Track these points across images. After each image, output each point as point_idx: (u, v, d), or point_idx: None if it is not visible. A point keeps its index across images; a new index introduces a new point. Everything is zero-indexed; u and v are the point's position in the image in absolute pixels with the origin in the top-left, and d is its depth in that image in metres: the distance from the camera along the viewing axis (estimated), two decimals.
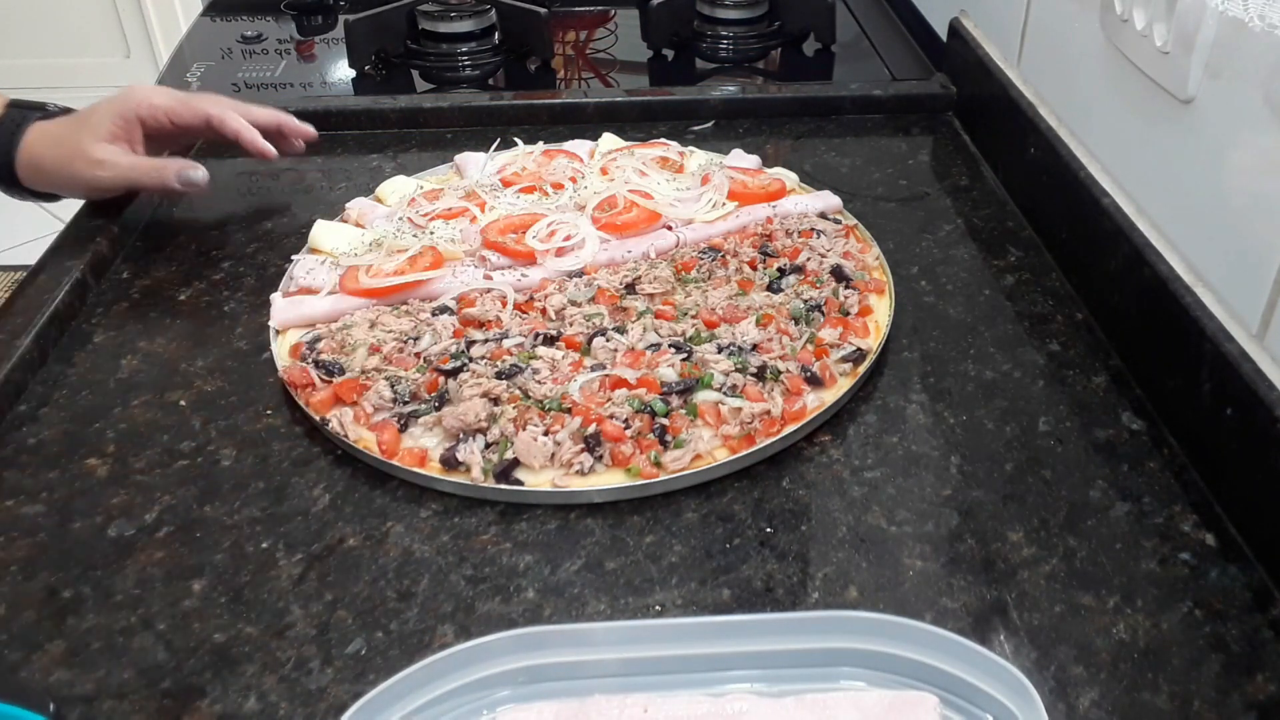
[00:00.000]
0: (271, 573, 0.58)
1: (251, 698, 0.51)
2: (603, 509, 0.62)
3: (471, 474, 0.62)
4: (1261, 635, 0.54)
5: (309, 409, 0.67)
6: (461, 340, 0.71)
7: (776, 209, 0.86)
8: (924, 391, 0.71)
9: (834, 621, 0.50)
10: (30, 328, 0.73)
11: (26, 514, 0.62)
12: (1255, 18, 0.54)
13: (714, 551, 0.59)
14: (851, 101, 1.08)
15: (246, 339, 0.76)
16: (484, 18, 1.25)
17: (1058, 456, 0.65)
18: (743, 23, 1.27)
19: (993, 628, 0.54)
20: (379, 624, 0.55)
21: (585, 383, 0.67)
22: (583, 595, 0.57)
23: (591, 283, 0.77)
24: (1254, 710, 0.50)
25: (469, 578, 0.58)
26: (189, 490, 0.63)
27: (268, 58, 1.25)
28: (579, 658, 0.50)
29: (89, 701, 0.51)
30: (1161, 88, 0.68)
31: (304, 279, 0.79)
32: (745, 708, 0.48)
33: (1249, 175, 0.61)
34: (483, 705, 0.49)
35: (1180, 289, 0.65)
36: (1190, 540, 0.59)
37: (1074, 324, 0.77)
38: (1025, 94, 0.92)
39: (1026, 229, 0.89)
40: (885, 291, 0.78)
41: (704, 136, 1.05)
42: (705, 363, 0.68)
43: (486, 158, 0.95)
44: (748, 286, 0.77)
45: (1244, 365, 0.59)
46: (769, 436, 0.64)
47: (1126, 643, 0.53)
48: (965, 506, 0.62)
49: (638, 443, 0.63)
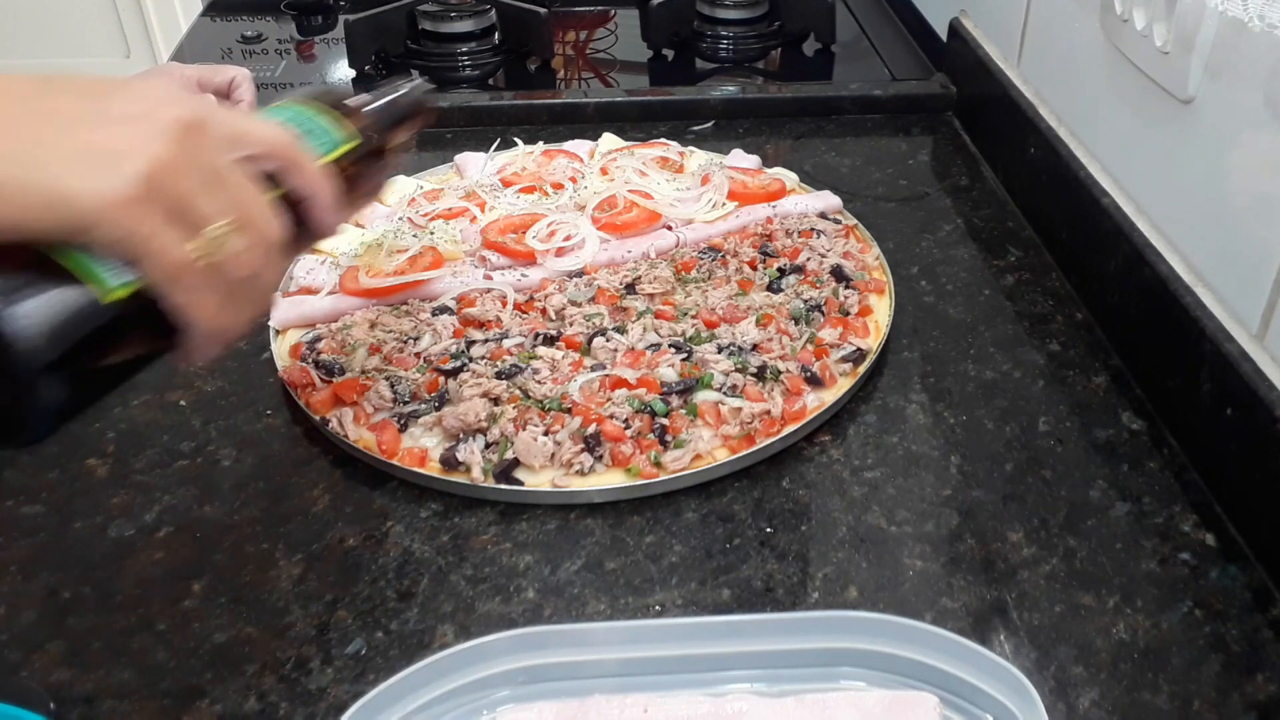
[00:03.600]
0: (271, 573, 0.58)
1: (251, 698, 0.51)
2: (603, 509, 0.62)
3: (471, 474, 0.62)
4: (1261, 635, 0.54)
5: (309, 409, 0.67)
6: (461, 340, 0.71)
7: (776, 209, 0.86)
8: (924, 391, 0.71)
9: (834, 621, 0.50)
10: None
11: (26, 514, 0.62)
12: (1255, 18, 0.54)
13: (714, 551, 0.59)
14: (851, 101, 1.08)
15: (246, 339, 0.76)
16: (484, 18, 1.25)
17: (1058, 456, 0.65)
18: (743, 23, 1.27)
19: (993, 628, 0.54)
20: (379, 624, 0.55)
21: (585, 383, 0.67)
22: (583, 595, 0.57)
23: (591, 283, 0.77)
24: (1254, 710, 0.50)
25: (469, 578, 0.58)
26: (189, 490, 0.63)
27: (268, 58, 1.25)
28: (579, 658, 0.50)
29: (89, 701, 0.51)
30: (1161, 88, 0.68)
31: (304, 279, 0.79)
32: (745, 708, 0.48)
33: (1249, 175, 0.61)
34: (483, 705, 0.49)
35: (1180, 289, 0.65)
36: (1190, 540, 0.59)
37: (1074, 324, 0.77)
38: (1025, 94, 0.92)
39: (1026, 229, 0.89)
40: (885, 291, 0.78)
41: (704, 136, 1.05)
42: (705, 363, 0.68)
43: (486, 158, 0.95)
44: (748, 286, 0.77)
45: (1244, 365, 0.59)
46: (769, 436, 0.64)
47: (1126, 643, 0.53)
48: (965, 506, 0.62)
49: (638, 443, 0.63)
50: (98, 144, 0.41)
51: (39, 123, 0.41)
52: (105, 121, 0.42)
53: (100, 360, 0.43)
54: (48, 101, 0.42)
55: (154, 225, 0.41)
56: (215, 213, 0.43)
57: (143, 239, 0.41)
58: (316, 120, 0.53)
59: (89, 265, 0.41)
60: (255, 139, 0.47)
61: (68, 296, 0.41)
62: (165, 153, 0.41)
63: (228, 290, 0.45)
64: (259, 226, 0.46)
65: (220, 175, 0.44)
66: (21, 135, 0.40)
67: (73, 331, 0.41)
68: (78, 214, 0.40)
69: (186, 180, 0.42)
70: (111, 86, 0.43)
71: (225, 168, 0.44)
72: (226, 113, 0.47)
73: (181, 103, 0.43)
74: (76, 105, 0.42)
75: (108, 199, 0.40)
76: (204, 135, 0.43)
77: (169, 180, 0.42)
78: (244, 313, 0.47)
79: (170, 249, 0.42)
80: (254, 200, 0.46)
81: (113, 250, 0.41)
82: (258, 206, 0.46)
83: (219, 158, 0.44)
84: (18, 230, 0.40)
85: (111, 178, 0.40)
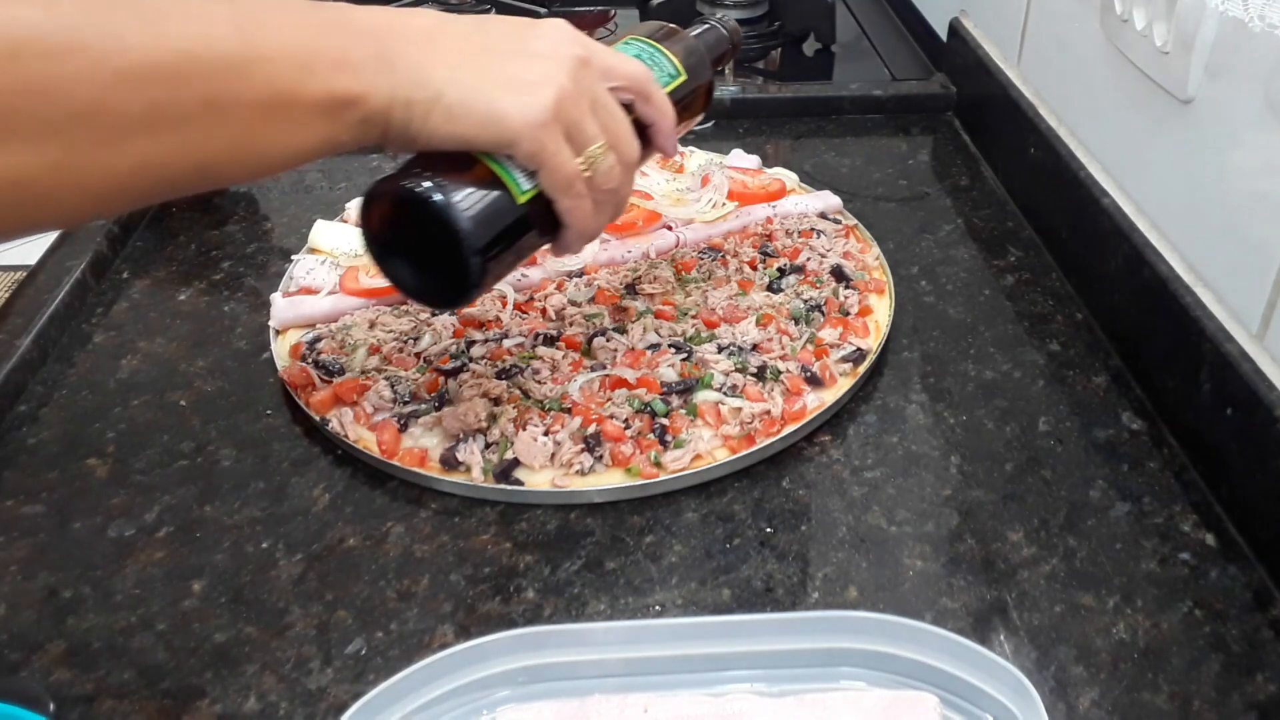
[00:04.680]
0: (271, 573, 0.58)
1: (251, 698, 0.51)
2: (603, 509, 0.62)
3: (471, 474, 0.62)
4: (1261, 635, 0.54)
5: (309, 409, 0.67)
6: (461, 340, 0.71)
7: (776, 209, 0.86)
8: (924, 391, 0.71)
9: (834, 621, 0.50)
10: (30, 328, 0.74)
11: (26, 514, 0.62)
12: (1255, 18, 0.54)
13: (714, 551, 0.59)
14: (851, 101, 1.08)
15: (246, 339, 0.76)
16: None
17: (1058, 456, 0.65)
18: (742, 23, 1.27)
19: (993, 628, 0.54)
20: (379, 624, 0.55)
21: (585, 383, 0.67)
22: (583, 595, 0.57)
23: (591, 283, 0.77)
24: (1254, 710, 0.50)
25: (469, 578, 0.58)
26: (189, 490, 0.63)
27: None
28: (579, 658, 0.50)
29: (89, 701, 0.51)
30: (1161, 88, 0.68)
31: (304, 279, 0.79)
32: (745, 708, 0.48)
33: (1249, 175, 0.61)
34: (483, 705, 0.49)
35: (1180, 289, 0.65)
36: (1190, 540, 0.59)
37: (1074, 324, 0.77)
38: (1025, 94, 0.92)
39: (1026, 229, 0.89)
40: (885, 291, 0.78)
41: (704, 136, 1.05)
42: (705, 363, 0.68)
43: None
44: (748, 286, 0.77)
45: (1244, 365, 0.59)
46: (769, 436, 0.64)
47: (1126, 643, 0.53)
48: (965, 506, 0.62)
49: (638, 443, 0.63)
50: (521, 75, 0.51)
51: (480, 56, 0.51)
52: (526, 55, 0.52)
53: (508, 242, 0.54)
54: (482, 38, 0.52)
55: (556, 143, 0.52)
56: (596, 135, 0.54)
57: (549, 154, 0.52)
58: (659, 55, 0.64)
59: (508, 172, 0.53)
60: (622, 73, 0.57)
61: (493, 195, 0.52)
62: (567, 82, 0.52)
63: (597, 199, 0.55)
64: (625, 147, 0.56)
65: (601, 103, 0.54)
66: (468, 66, 0.50)
67: (497, 222, 0.53)
68: (508, 132, 0.51)
69: (578, 107, 0.53)
70: (526, 26, 0.54)
71: (604, 97, 0.55)
72: (603, 49, 0.56)
73: (577, 41, 0.54)
74: (504, 43, 0.53)
75: (529, 120, 0.50)
76: (591, 69, 0.54)
77: (568, 106, 0.52)
78: (605, 218, 0.58)
79: (565, 163, 0.53)
80: (623, 125, 0.56)
81: (527, 160, 0.52)
82: (625, 130, 0.56)
83: (599, 88, 0.54)
84: (463, 141, 0.51)
85: (532, 103, 0.51)
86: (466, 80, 0.50)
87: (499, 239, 0.53)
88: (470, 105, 0.50)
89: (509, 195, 0.53)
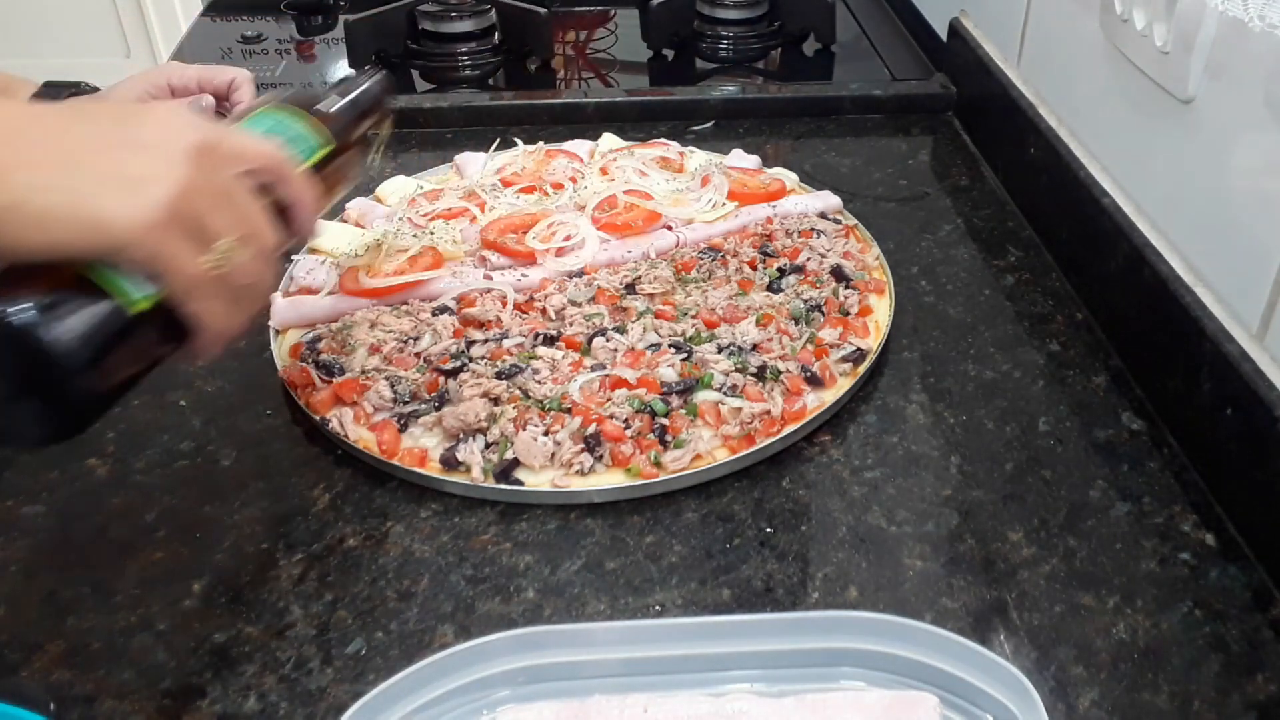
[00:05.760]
0: (271, 573, 0.58)
1: (251, 698, 0.51)
2: (603, 509, 0.62)
3: (471, 474, 0.62)
4: (1261, 635, 0.54)
5: (309, 409, 0.67)
6: (461, 340, 0.71)
7: (776, 209, 0.86)
8: (924, 391, 0.71)
9: (834, 621, 0.50)
10: None
11: (26, 514, 0.62)
12: (1255, 18, 0.54)
13: (714, 551, 0.59)
14: (851, 101, 1.08)
15: (246, 339, 0.76)
16: (484, 18, 1.25)
17: (1058, 456, 0.65)
18: (743, 23, 1.27)
19: (993, 628, 0.54)
20: (379, 624, 0.55)
21: (585, 383, 0.67)
22: (583, 595, 0.57)
23: (591, 283, 0.77)
24: (1254, 710, 0.50)
25: (469, 578, 0.58)
26: (189, 490, 0.63)
27: (268, 58, 1.25)
28: (579, 658, 0.50)
29: (89, 701, 0.51)
30: (1161, 88, 0.68)
31: (304, 279, 0.79)
32: (745, 708, 0.48)
33: (1249, 175, 0.61)
34: (483, 705, 0.49)
35: (1180, 289, 0.65)
36: (1190, 540, 0.59)
37: (1074, 324, 0.77)
38: (1025, 94, 0.92)
39: (1026, 229, 0.89)
40: (885, 291, 0.78)
41: (704, 136, 1.05)
42: (705, 363, 0.68)
43: (486, 158, 0.95)
44: (748, 286, 0.77)
45: (1244, 365, 0.59)
46: (769, 436, 0.64)
47: (1126, 643, 0.53)
48: (965, 506, 0.62)
49: (638, 443, 0.63)
50: (127, 170, 0.45)
51: (75, 151, 0.45)
52: (132, 147, 0.46)
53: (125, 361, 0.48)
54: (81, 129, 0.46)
55: (175, 244, 0.46)
56: (225, 228, 0.48)
57: (166, 258, 0.45)
58: (295, 126, 0.58)
59: (116, 280, 0.46)
60: (252, 155, 0.51)
61: (99, 309, 0.45)
62: (184, 177, 0.46)
63: (232, 295, 0.49)
64: (260, 237, 0.50)
65: (228, 193, 0.49)
66: (60, 165, 0.44)
67: (104, 339, 0.46)
68: (112, 237, 0.44)
69: (201, 201, 0.46)
70: (134, 113, 0.48)
71: (232, 186, 0.49)
72: (228, 132, 0.51)
73: (195, 127, 0.48)
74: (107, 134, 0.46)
75: (138, 223, 0.44)
76: (214, 157, 0.48)
77: (188, 202, 0.46)
78: (246, 314, 0.51)
79: (188, 265, 0.46)
80: (256, 214, 0.50)
81: (138, 267, 0.45)
82: (259, 219, 0.50)
83: (226, 177, 0.49)
84: (58, 251, 0.44)
85: (140, 204, 0.44)
86: (57, 182, 0.43)
87: (106, 358, 0.46)
88: (63, 210, 0.43)
89: (118, 307, 0.46)
